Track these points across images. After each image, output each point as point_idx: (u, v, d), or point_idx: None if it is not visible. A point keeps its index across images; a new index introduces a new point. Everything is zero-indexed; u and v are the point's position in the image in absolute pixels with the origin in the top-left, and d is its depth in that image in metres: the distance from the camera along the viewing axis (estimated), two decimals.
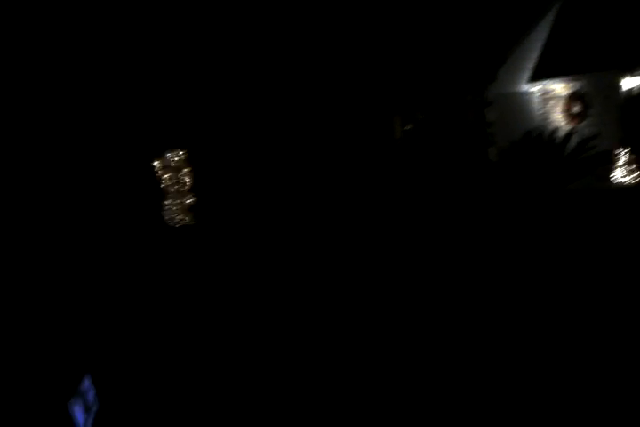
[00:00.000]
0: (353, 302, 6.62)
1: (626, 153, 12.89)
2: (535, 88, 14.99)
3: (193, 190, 11.83)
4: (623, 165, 12.93)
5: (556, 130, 11.79)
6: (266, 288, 7.44)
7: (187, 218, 11.72)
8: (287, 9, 13.32)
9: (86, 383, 3.67)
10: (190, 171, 11.79)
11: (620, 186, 12.82)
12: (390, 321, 5.91)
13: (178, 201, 11.65)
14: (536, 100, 15.16)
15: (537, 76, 14.84)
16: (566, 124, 14.10)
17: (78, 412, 3.43)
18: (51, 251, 8.50)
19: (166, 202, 11.66)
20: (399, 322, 5.86)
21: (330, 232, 10.68)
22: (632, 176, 12.84)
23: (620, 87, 13.16)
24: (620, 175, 12.97)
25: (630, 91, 13.19)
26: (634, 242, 7.81)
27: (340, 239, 10.00)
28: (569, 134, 11.42)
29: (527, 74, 14.97)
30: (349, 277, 7.60)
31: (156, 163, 11.54)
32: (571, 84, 14.10)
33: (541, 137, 11.13)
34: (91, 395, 3.64)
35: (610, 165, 12.86)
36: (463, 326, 5.58)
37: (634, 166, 12.85)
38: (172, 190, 11.66)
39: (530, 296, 6.21)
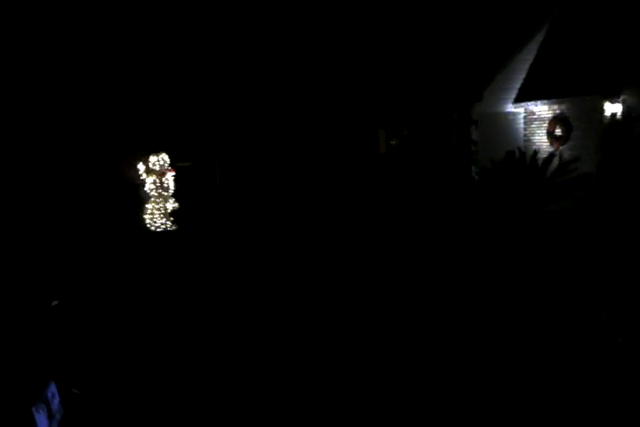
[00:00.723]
0: (338, 311, 6.65)
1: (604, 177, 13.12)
2: (520, 109, 15.21)
3: (175, 195, 11.81)
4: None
5: (537, 151, 11.97)
6: (247, 295, 7.44)
7: (168, 223, 11.68)
8: (279, 20, 13.41)
9: (51, 390, 3.63)
10: (173, 175, 11.78)
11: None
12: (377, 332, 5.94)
13: (160, 205, 11.61)
14: (520, 120, 15.39)
15: (522, 98, 15.07)
16: (549, 145, 14.32)
17: (41, 418, 3.39)
18: (25, 252, 8.41)
19: (148, 206, 11.62)
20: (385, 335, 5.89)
21: (314, 245, 10.71)
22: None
23: (604, 112, 13.41)
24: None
25: (613, 116, 13.44)
26: (609, 262, 7.95)
27: (326, 252, 10.02)
28: (550, 156, 11.60)
29: (513, 95, 15.20)
30: (333, 291, 7.63)
31: (139, 166, 11.51)
32: (555, 107, 14.33)
33: (523, 158, 11.29)
34: (55, 402, 3.61)
35: (588, 188, 13.08)
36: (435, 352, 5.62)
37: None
38: (155, 194, 11.62)
39: (508, 313, 6.28)
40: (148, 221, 11.58)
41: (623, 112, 13.49)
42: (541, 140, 14.78)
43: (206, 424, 4.19)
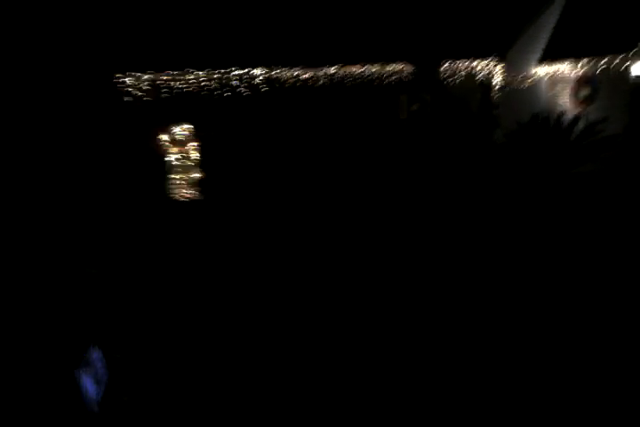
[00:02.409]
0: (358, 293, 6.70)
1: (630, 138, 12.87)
2: (544, 70, 14.87)
3: (200, 165, 11.87)
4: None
5: (563, 113, 11.73)
6: (269, 270, 7.52)
7: (194, 193, 11.79)
8: None
9: (97, 353, 3.76)
10: (198, 145, 11.82)
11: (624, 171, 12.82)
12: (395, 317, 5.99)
13: (184, 175, 11.70)
14: (544, 82, 15.06)
15: (546, 58, 14.71)
16: (574, 107, 14.03)
17: (87, 381, 3.53)
18: (62, 222, 8.58)
19: (172, 176, 11.72)
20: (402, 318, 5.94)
21: (336, 211, 10.73)
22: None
23: (631, 72, 13.06)
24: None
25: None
26: (634, 228, 7.87)
27: (347, 218, 10.05)
28: (576, 118, 11.37)
29: (537, 55, 14.83)
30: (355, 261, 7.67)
31: (163, 136, 11.56)
32: (580, 67, 13.99)
33: (548, 120, 11.08)
34: (101, 366, 3.74)
35: (616, 150, 12.86)
36: (468, 313, 5.66)
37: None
38: (179, 164, 11.70)
39: (531, 282, 6.28)
40: (173, 191, 11.69)
41: None
42: (567, 101, 14.49)
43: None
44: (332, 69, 12.78)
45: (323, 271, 7.10)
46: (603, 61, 13.40)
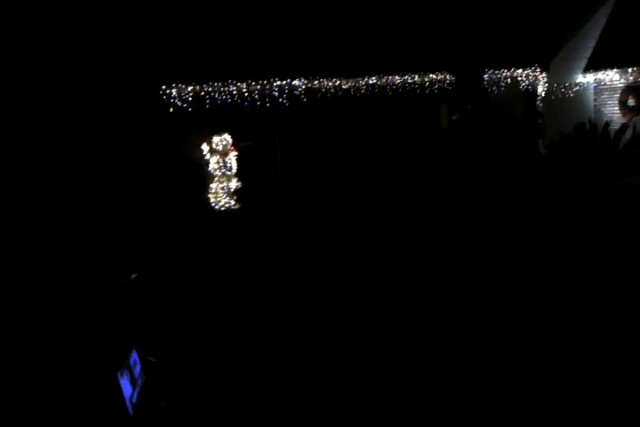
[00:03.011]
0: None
1: None
2: (590, 79, 14.56)
3: (239, 175, 12.00)
4: None
5: (609, 122, 11.43)
6: (303, 276, 7.52)
7: (232, 201, 11.91)
8: None
9: (134, 357, 3.80)
10: (236, 155, 11.97)
11: None
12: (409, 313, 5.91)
13: (224, 184, 11.84)
14: (590, 91, 14.74)
15: (592, 67, 14.40)
16: (621, 116, 13.67)
17: (125, 384, 3.57)
18: (105, 230, 8.79)
19: (212, 185, 11.87)
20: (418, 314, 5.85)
21: (377, 216, 10.69)
22: None
23: None
24: None
25: None
26: None
27: (387, 224, 9.99)
28: (623, 127, 11.06)
29: (582, 64, 14.54)
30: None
31: (204, 146, 11.75)
32: (627, 76, 13.64)
33: (595, 129, 10.81)
34: (137, 369, 3.77)
35: None
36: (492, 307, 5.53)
37: None
38: (219, 173, 11.85)
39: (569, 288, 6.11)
40: (212, 200, 11.84)
41: None
42: (613, 110, 14.13)
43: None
44: (373, 79, 12.77)
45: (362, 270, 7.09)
46: None
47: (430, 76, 13.22)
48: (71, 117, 11.24)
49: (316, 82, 12.41)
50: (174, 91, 11.69)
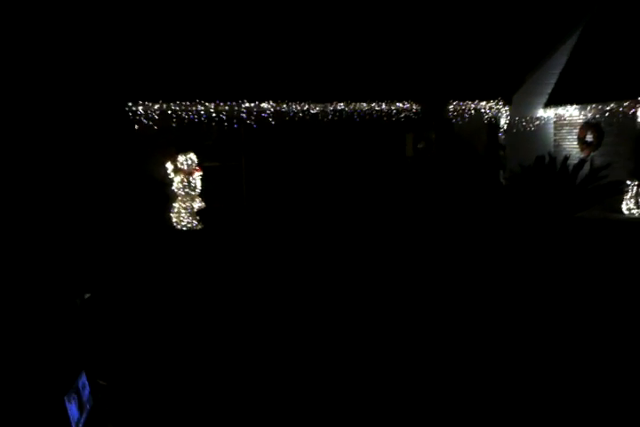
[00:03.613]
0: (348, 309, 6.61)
1: (637, 185, 12.90)
2: (550, 113, 15.04)
3: (202, 195, 11.89)
4: (634, 196, 12.95)
5: (568, 157, 11.79)
6: (269, 295, 7.44)
7: (194, 222, 11.76)
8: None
9: (82, 380, 3.65)
10: (200, 175, 11.86)
11: (630, 217, 12.81)
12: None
13: (187, 204, 11.70)
14: (550, 125, 15.21)
15: (552, 102, 14.90)
16: (579, 151, 14.13)
17: (73, 408, 3.42)
18: (56, 247, 8.54)
19: (175, 204, 11.72)
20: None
21: (338, 245, 10.69)
22: None
23: (637, 118, 13.19)
24: (630, 207, 12.98)
25: None
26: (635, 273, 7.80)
27: (348, 253, 10.00)
28: (581, 162, 11.42)
29: (543, 99, 15.04)
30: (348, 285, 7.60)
31: (168, 165, 11.62)
32: (586, 112, 14.15)
33: (554, 163, 11.13)
34: (86, 392, 3.63)
35: (620, 195, 12.87)
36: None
37: None
38: (182, 193, 11.72)
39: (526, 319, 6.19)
40: (174, 219, 11.68)
41: None
42: (572, 145, 14.60)
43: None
44: (341, 105, 12.93)
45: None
46: (609, 107, 13.55)
47: (397, 104, 13.46)
48: (32, 133, 11.02)
49: (284, 105, 12.49)
50: (140, 108, 11.60)
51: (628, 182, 12.88)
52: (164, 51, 12.18)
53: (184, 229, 11.65)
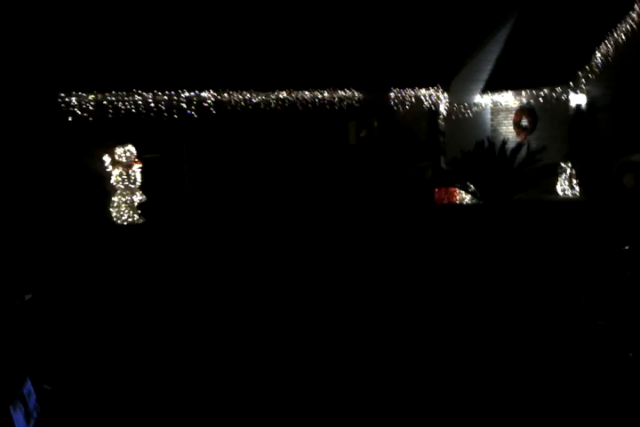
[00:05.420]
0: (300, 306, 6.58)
1: (571, 167, 13.43)
2: (487, 100, 15.39)
3: (143, 188, 11.54)
4: (567, 178, 13.48)
5: (506, 141, 12.11)
6: (211, 288, 7.32)
7: (135, 216, 11.42)
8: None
9: (27, 386, 3.47)
10: (140, 167, 11.50)
11: (565, 198, 13.35)
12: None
13: (127, 198, 11.34)
14: (487, 111, 15.58)
15: (489, 88, 15.26)
16: (515, 135, 14.54)
17: (19, 418, 3.24)
18: None
19: (114, 198, 11.33)
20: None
21: (284, 232, 10.63)
22: (574, 190, 13.41)
23: (569, 102, 13.67)
24: (564, 188, 13.52)
25: (578, 107, 13.70)
26: (568, 251, 8.10)
27: (291, 242, 9.96)
28: (519, 146, 11.74)
29: (480, 85, 15.37)
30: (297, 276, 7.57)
31: (105, 157, 11.20)
32: (521, 98, 14.56)
33: (493, 148, 11.40)
34: (32, 400, 3.45)
35: (555, 177, 13.36)
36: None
37: (576, 180, 13.42)
38: (122, 187, 11.34)
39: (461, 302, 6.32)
40: (114, 214, 11.30)
41: (588, 103, 13.80)
42: (508, 130, 15.02)
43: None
44: (283, 94, 12.79)
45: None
46: (542, 92, 13.98)
47: (339, 92, 13.44)
48: None
49: (225, 94, 12.25)
50: (74, 99, 11.10)
51: (562, 165, 13.38)
52: (98, 38, 11.69)
53: (125, 223, 11.29)
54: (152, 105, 11.68)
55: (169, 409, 4.22)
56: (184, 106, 11.95)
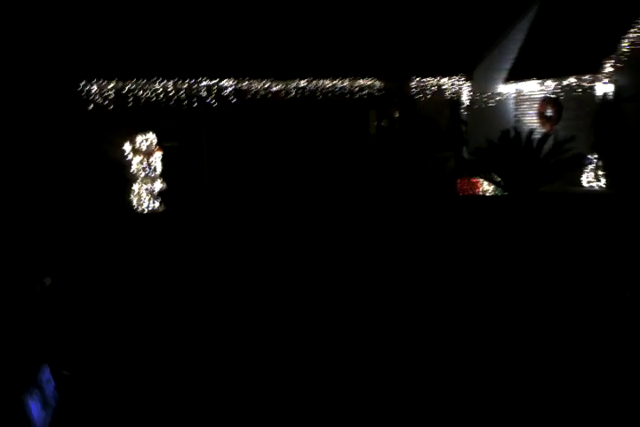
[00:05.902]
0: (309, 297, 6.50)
1: (597, 158, 13.10)
2: (510, 89, 15.08)
3: (163, 176, 11.53)
4: (594, 169, 13.16)
5: (533, 131, 11.83)
6: (235, 280, 7.27)
7: (156, 204, 11.43)
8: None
9: (46, 374, 3.43)
10: (161, 155, 11.49)
11: (590, 190, 13.03)
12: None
13: (147, 186, 11.34)
14: (511, 100, 15.28)
15: (512, 77, 14.95)
16: (539, 126, 14.23)
17: (35, 407, 3.19)
18: (15, 233, 8.15)
19: (135, 187, 11.34)
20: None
21: (304, 223, 10.55)
22: (600, 182, 13.09)
23: (595, 92, 13.32)
24: (590, 180, 13.20)
25: (604, 96, 13.35)
26: (596, 244, 7.90)
27: (314, 232, 9.87)
28: (545, 136, 11.46)
29: (503, 74, 15.06)
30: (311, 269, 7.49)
31: (126, 146, 11.20)
32: (545, 87, 14.23)
33: (519, 138, 11.14)
34: (50, 388, 3.40)
35: (581, 169, 13.06)
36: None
37: (602, 172, 13.09)
38: (142, 175, 11.34)
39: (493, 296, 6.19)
40: (135, 202, 11.32)
41: (614, 92, 13.43)
42: (532, 120, 14.70)
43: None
44: (303, 82, 12.66)
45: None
46: (567, 82, 13.64)
47: (360, 81, 13.27)
48: None
49: (245, 83, 12.15)
50: (95, 87, 11.10)
51: (589, 156, 13.06)
52: (120, 26, 11.65)
53: (145, 211, 11.30)
54: (172, 93, 11.63)
55: (183, 401, 4.18)
56: (204, 94, 11.89)
